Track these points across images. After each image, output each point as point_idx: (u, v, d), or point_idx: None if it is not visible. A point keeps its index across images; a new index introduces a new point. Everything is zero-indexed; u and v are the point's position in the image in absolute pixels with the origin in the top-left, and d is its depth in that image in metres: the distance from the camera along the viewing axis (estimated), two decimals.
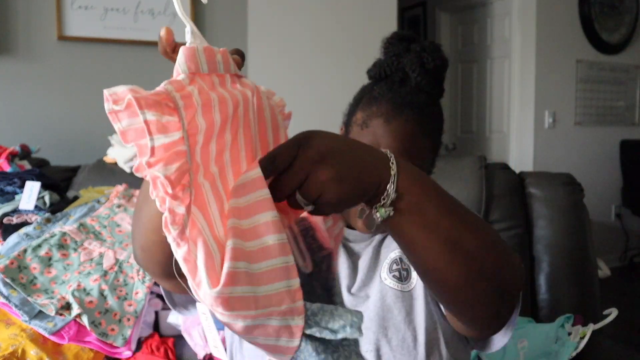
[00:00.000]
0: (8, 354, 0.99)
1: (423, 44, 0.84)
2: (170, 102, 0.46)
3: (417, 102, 0.80)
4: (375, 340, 0.76)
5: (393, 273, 0.80)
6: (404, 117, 0.78)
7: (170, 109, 0.45)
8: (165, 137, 0.45)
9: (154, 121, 0.44)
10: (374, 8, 2.98)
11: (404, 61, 0.83)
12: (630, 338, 2.52)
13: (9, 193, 1.40)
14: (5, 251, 1.17)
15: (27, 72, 2.35)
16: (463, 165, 1.46)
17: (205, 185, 0.47)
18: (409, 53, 0.83)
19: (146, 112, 0.44)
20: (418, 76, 0.81)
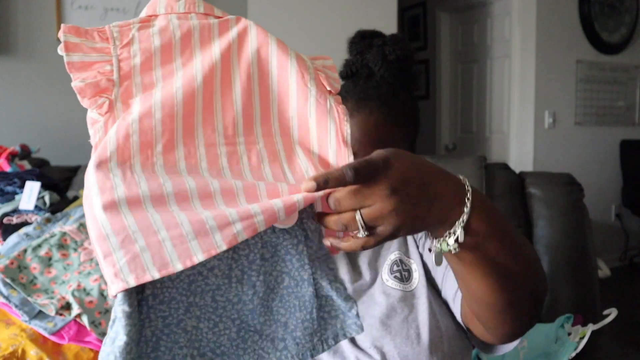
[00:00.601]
0: (8, 353, 0.99)
1: (385, 37, 0.85)
2: (105, 32, 0.56)
3: (380, 93, 0.81)
4: (379, 337, 0.76)
5: (394, 274, 0.81)
6: (367, 110, 0.79)
7: (103, 38, 0.55)
8: (88, 56, 0.54)
9: (77, 43, 0.54)
10: (374, 8, 2.98)
11: (368, 57, 0.84)
12: (630, 338, 2.52)
13: (9, 193, 1.40)
14: (5, 251, 1.17)
15: (27, 72, 2.35)
16: (463, 165, 1.46)
17: (137, 99, 0.54)
18: (371, 48, 0.84)
19: (69, 36, 0.54)
20: (381, 69, 0.82)
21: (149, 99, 0.54)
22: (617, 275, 3.58)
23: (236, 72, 0.57)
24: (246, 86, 0.58)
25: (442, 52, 4.21)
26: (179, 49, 0.57)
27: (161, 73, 0.56)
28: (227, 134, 0.55)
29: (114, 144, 0.51)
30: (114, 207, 0.47)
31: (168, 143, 0.52)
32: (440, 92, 4.25)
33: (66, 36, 0.54)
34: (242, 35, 0.58)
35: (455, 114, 4.24)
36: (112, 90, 0.55)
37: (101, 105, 0.54)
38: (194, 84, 0.54)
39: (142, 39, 0.56)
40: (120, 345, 0.47)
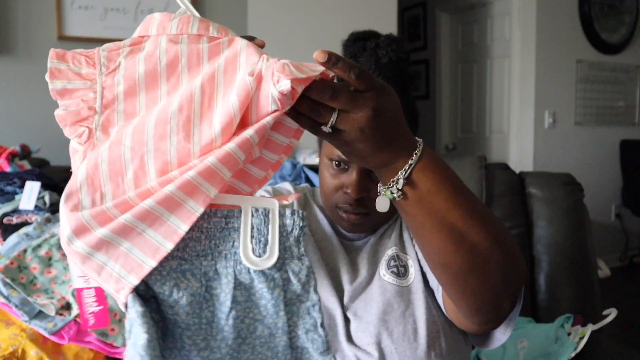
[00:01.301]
0: (8, 354, 0.99)
1: (378, 39, 0.83)
2: (93, 57, 0.55)
3: None
4: (377, 333, 0.77)
5: (391, 269, 0.82)
6: None
7: (90, 63, 0.54)
8: (72, 82, 0.54)
9: (62, 69, 0.54)
10: (374, 8, 2.98)
11: (361, 61, 0.83)
12: (630, 338, 2.53)
13: (9, 193, 1.40)
14: (5, 251, 1.17)
15: (27, 72, 2.35)
16: (463, 165, 1.46)
17: (120, 128, 0.54)
18: (364, 52, 0.83)
19: (55, 62, 0.54)
20: (373, 73, 0.81)
21: (126, 128, 0.53)
22: (617, 275, 3.58)
23: (220, 95, 0.54)
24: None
25: (442, 52, 4.21)
26: (165, 76, 0.55)
27: (144, 101, 0.55)
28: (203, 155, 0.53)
29: (84, 174, 0.51)
30: (85, 229, 0.48)
31: (138, 170, 0.51)
32: (440, 92, 4.25)
33: (52, 62, 0.54)
34: (229, 60, 0.55)
35: (455, 114, 4.24)
36: (93, 119, 0.54)
37: (81, 135, 0.53)
38: (168, 109, 0.52)
39: (128, 66, 0.55)
40: (142, 344, 0.46)
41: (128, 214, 0.48)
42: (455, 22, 4.16)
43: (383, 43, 0.82)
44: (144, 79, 0.55)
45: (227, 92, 0.54)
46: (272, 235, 0.52)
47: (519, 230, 1.41)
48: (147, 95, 0.55)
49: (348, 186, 0.80)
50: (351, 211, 0.82)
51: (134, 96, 0.55)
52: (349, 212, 0.82)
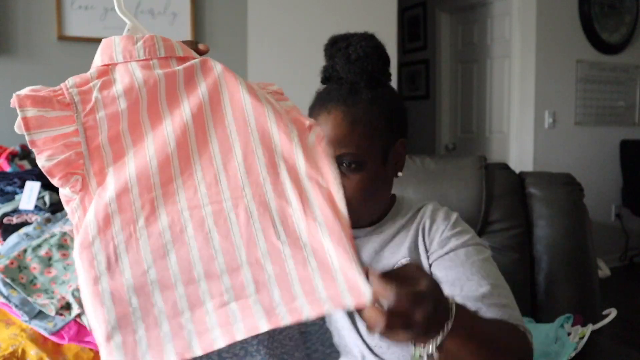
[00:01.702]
0: (8, 354, 0.99)
1: (351, 39, 0.85)
2: (64, 97, 0.51)
3: (340, 94, 0.83)
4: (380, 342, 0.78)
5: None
6: (326, 111, 0.82)
7: (63, 104, 0.51)
8: (52, 130, 0.50)
9: (37, 117, 0.50)
10: (374, 8, 2.98)
11: (336, 61, 0.85)
12: (630, 338, 2.53)
13: (9, 193, 1.40)
14: (5, 251, 1.17)
15: (27, 72, 2.35)
16: (463, 165, 1.46)
17: (110, 170, 0.51)
18: (339, 52, 0.85)
19: (27, 110, 0.50)
20: (345, 71, 0.84)
21: (122, 170, 0.51)
22: (617, 275, 3.57)
23: (211, 128, 0.53)
24: (224, 139, 0.54)
25: (442, 52, 4.20)
26: (146, 109, 0.53)
27: (131, 139, 0.52)
28: (210, 192, 0.52)
29: (95, 227, 0.49)
30: (98, 298, 0.47)
31: (150, 216, 0.50)
32: (440, 92, 4.25)
33: (22, 111, 0.50)
34: (212, 90, 0.54)
35: (455, 114, 4.24)
36: (83, 165, 0.51)
37: (74, 184, 0.51)
38: (167, 149, 0.51)
39: (107, 103, 0.52)
40: None
41: (139, 313, 0.47)
42: (455, 22, 4.16)
43: (355, 41, 0.84)
44: (127, 116, 0.52)
45: (217, 123, 0.54)
46: None
47: (519, 230, 1.41)
48: (131, 133, 0.52)
49: None
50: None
51: (119, 135, 0.52)
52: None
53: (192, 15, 2.57)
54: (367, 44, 0.83)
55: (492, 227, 1.41)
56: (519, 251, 1.39)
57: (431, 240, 0.86)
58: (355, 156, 0.79)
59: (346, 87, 0.83)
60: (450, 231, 0.85)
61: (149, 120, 0.53)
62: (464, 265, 0.80)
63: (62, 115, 0.51)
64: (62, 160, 0.50)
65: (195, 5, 2.58)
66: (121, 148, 0.52)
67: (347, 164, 0.79)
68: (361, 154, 0.80)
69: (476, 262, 0.80)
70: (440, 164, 1.46)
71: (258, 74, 2.74)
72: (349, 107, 0.81)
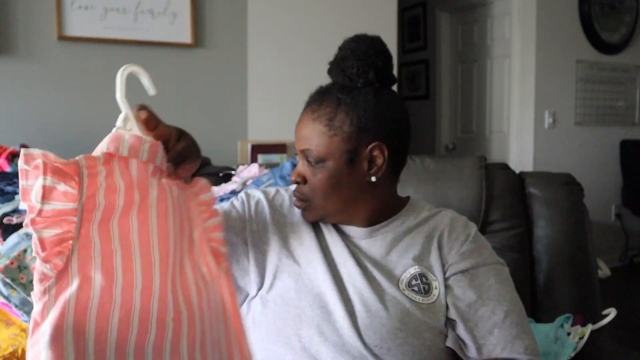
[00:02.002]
0: (8, 354, 0.99)
1: (358, 39, 0.88)
2: (76, 175, 0.51)
3: (315, 93, 0.89)
4: (389, 339, 0.79)
5: (412, 288, 0.84)
6: (306, 107, 0.90)
7: (74, 181, 0.51)
8: (58, 204, 0.50)
9: (51, 187, 0.50)
10: (374, 8, 2.98)
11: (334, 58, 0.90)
12: (630, 338, 2.52)
13: (9, 193, 1.40)
14: (5, 251, 1.17)
15: (27, 72, 2.35)
16: (463, 165, 1.46)
17: (96, 260, 0.51)
18: (339, 50, 0.90)
19: (48, 178, 0.49)
20: (330, 69, 0.90)
21: (100, 270, 0.51)
22: (617, 275, 3.57)
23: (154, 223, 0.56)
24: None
25: (442, 52, 4.21)
26: (136, 208, 0.55)
27: (118, 230, 0.52)
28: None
29: (72, 319, 0.48)
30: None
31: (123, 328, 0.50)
32: (440, 92, 4.25)
33: (44, 178, 0.50)
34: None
35: (455, 114, 4.24)
36: (71, 246, 0.50)
37: (56, 264, 0.50)
38: (152, 257, 0.53)
39: (107, 193, 0.53)
40: None
41: None
42: (455, 22, 4.16)
43: (348, 41, 0.88)
44: (120, 209, 0.53)
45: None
46: None
47: (519, 230, 1.41)
48: (119, 223, 0.53)
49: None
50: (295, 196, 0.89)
51: (108, 225, 0.52)
52: (296, 195, 0.89)
53: (192, 15, 2.57)
54: (343, 46, 0.87)
55: (492, 227, 1.41)
56: (519, 251, 1.39)
57: (450, 249, 0.87)
58: (314, 152, 0.84)
59: (322, 88, 0.89)
60: (471, 245, 0.87)
61: (137, 221, 0.54)
62: (481, 287, 0.84)
63: (69, 192, 0.51)
64: (58, 236, 0.50)
65: (195, 5, 2.58)
66: (108, 236, 0.52)
67: (308, 158, 0.85)
68: (321, 152, 0.84)
69: (493, 286, 0.84)
70: (440, 164, 1.46)
71: (258, 74, 2.74)
72: (317, 106, 0.86)
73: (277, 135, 2.79)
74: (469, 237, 0.88)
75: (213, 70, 2.67)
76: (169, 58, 2.59)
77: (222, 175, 1.71)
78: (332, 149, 0.84)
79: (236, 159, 2.71)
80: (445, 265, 0.86)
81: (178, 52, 2.60)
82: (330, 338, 0.79)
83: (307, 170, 0.86)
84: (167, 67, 2.59)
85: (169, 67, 2.59)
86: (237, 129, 2.75)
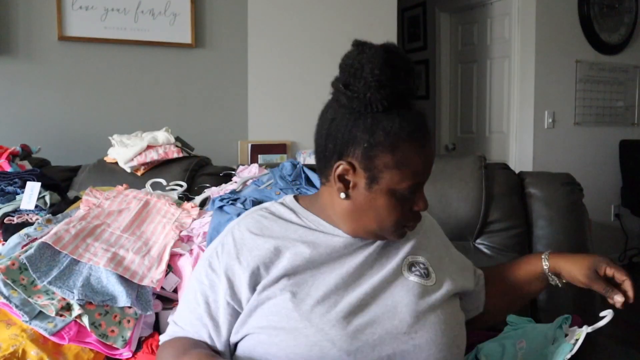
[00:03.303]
0: (8, 354, 0.99)
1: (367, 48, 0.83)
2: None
3: (425, 125, 0.91)
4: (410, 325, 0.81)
5: (414, 272, 0.88)
6: (426, 142, 0.92)
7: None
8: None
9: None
10: (374, 8, 2.98)
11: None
12: (630, 338, 2.53)
13: (10, 193, 1.40)
14: (6, 252, 1.17)
15: (27, 72, 2.35)
16: (463, 165, 1.46)
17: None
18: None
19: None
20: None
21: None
22: None
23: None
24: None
25: (442, 52, 4.21)
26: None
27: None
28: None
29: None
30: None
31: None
32: (440, 92, 4.25)
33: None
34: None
35: (455, 114, 4.24)
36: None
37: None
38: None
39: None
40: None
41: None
42: (455, 22, 4.16)
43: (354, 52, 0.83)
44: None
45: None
46: None
47: (519, 230, 1.41)
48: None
49: (419, 206, 0.86)
50: (416, 222, 0.89)
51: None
52: (415, 223, 0.89)
53: (192, 15, 2.57)
54: (360, 57, 0.79)
55: (492, 227, 1.41)
56: (518, 251, 1.39)
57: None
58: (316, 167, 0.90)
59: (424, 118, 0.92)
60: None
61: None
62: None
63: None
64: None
65: (195, 5, 2.58)
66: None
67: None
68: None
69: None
70: (440, 164, 1.46)
71: (258, 74, 2.74)
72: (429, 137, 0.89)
73: (277, 135, 2.80)
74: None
75: (213, 70, 2.68)
76: (169, 58, 2.59)
77: (222, 175, 1.71)
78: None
79: (236, 159, 2.71)
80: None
81: (178, 52, 2.60)
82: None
83: None
84: (167, 67, 2.59)
85: (169, 67, 2.59)
86: (237, 129, 2.75)
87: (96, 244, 1.18)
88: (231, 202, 1.27)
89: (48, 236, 1.15)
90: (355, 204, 0.85)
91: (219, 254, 0.88)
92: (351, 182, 0.83)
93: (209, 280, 0.87)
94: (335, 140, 0.82)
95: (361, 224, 0.86)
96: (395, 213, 0.83)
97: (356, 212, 0.85)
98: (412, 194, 0.84)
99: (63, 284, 1.08)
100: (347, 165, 0.82)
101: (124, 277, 1.12)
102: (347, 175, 0.83)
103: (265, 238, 0.87)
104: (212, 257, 0.89)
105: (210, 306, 0.86)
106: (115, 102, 2.51)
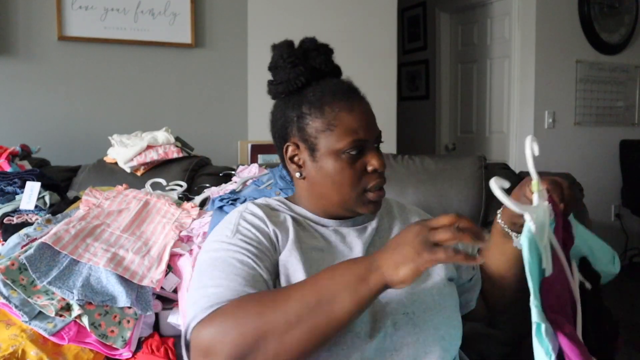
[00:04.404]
0: (8, 354, 0.99)
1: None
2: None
3: (350, 86, 0.91)
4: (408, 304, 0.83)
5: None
6: (356, 97, 0.92)
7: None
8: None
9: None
10: (374, 8, 2.98)
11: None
12: (630, 338, 2.53)
13: (10, 193, 1.40)
14: (5, 252, 1.17)
15: (27, 72, 2.35)
16: (463, 165, 1.46)
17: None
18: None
19: None
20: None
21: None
22: (617, 275, 3.57)
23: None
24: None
25: (442, 52, 4.20)
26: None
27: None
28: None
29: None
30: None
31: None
32: (440, 92, 4.25)
33: None
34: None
35: (455, 114, 4.24)
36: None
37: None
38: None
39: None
40: None
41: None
42: (455, 22, 4.16)
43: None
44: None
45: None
46: None
47: None
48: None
49: (372, 164, 0.84)
50: (381, 187, 0.86)
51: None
52: (380, 189, 0.86)
53: (192, 15, 2.57)
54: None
55: None
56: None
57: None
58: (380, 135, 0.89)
59: (351, 84, 0.93)
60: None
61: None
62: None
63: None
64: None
65: (195, 5, 2.58)
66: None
67: (378, 143, 0.89)
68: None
69: None
70: (440, 164, 1.46)
71: (258, 74, 2.74)
72: (359, 92, 0.91)
73: None
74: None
75: (213, 70, 2.67)
76: (169, 58, 2.59)
77: (222, 175, 1.71)
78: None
79: (236, 159, 2.71)
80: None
81: (178, 52, 2.60)
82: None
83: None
84: (167, 67, 2.59)
85: (168, 67, 2.59)
86: (237, 129, 2.75)
87: (96, 244, 1.18)
88: (231, 202, 1.27)
89: (48, 236, 1.15)
90: (310, 180, 0.87)
91: (241, 222, 0.85)
92: (300, 160, 0.87)
93: (237, 246, 0.81)
94: (276, 127, 0.89)
95: (325, 200, 0.87)
96: (347, 175, 0.84)
97: (315, 187, 0.87)
98: (359, 154, 0.84)
99: (63, 284, 1.08)
100: (292, 146, 0.87)
101: (123, 277, 1.12)
102: (296, 156, 0.87)
103: (274, 220, 0.88)
104: (235, 227, 0.84)
105: (251, 260, 0.79)
106: (115, 102, 2.51)
